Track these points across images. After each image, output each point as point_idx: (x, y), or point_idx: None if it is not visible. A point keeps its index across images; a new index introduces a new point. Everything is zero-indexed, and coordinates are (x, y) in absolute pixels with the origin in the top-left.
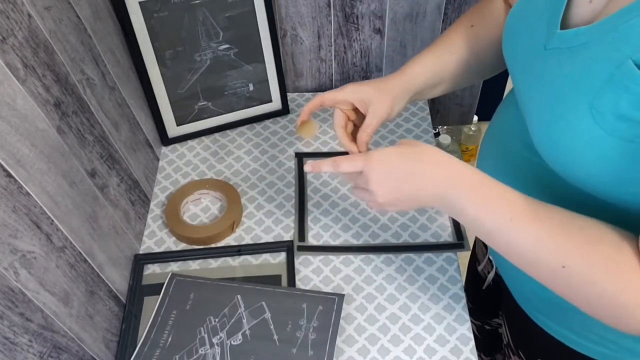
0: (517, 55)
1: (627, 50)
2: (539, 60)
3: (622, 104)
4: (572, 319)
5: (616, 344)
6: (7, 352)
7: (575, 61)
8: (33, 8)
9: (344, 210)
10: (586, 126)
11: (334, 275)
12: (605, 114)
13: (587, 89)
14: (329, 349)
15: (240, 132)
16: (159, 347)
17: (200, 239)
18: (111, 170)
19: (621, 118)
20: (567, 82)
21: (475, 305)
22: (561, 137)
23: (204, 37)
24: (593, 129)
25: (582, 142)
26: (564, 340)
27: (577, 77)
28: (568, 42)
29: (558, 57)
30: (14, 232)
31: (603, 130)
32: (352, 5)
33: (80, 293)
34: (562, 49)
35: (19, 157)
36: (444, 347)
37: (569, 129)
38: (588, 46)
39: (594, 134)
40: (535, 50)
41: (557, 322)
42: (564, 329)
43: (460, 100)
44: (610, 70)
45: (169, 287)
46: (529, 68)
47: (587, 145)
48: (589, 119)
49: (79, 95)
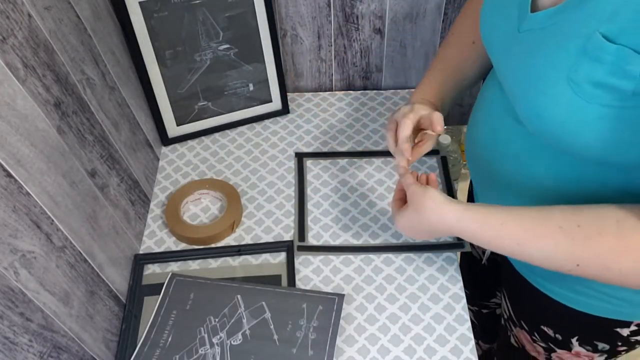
0: (494, 40)
1: (594, 25)
2: (514, 42)
3: (596, 74)
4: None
5: (616, 297)
6: (7, 352)
7: (548, 40)
8: (33, 8)
9: (344, 210)
10: (566, 98)
11: (334, 275)
12: (582, 85)
13: (562, 64)
14: (329, 349)
15: (240, 132)
16: (159, 347)
17: (200, 238)
18: (111, 170)
19: (597, 86)
20: (544, 60)
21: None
22: (545, 111)
23: (204, 37)
24: (573, 100)
25: (565, 113)
26: (566, 301)
27: (552, 55)
28: (540, 23)
29: (532, 38)
30: (14, 232)
31: (583, 100)
32: (352, 5)
33: (80, 293)
34: (535, 30)
35: (19, 157)
36: (444, 347)
37: (551, 102)
38: (559, 25)
39: (574, 104)
40: (510, 33)
41: (558, 283)
42: (564, 289)
43: (460, 100)
44: (582, 44)
45: (169, 287)
46: (506, 51)
47: (570, 115)
48: (568, 91)
49: (79, 95)
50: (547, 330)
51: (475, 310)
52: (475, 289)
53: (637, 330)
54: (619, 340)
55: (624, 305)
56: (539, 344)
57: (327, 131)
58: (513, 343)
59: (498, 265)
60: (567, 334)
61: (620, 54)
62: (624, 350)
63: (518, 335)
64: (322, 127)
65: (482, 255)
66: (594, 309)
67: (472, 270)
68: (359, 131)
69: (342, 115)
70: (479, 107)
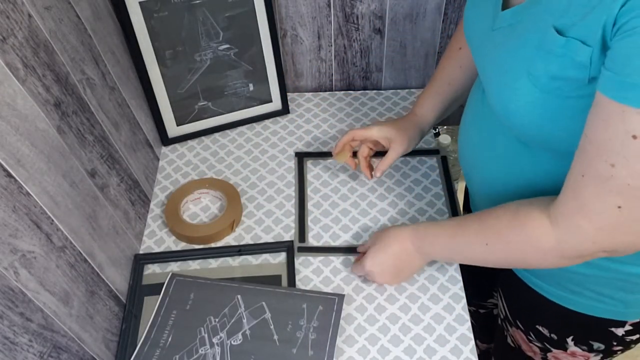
0: (474, 38)
1: (549, 19)
2: (488, 40)
3: (552, 67)
4: (568, 279)
5: (610, 297)
6: (7, 351)
7: (511, 36)
8: (33, 8)
9: (344, 211)
10: (527, 90)
11: (334, 276)
12: (540, 77)
13: (523, 58)
14: (329, 349)
15: (240, 132)
16: (159, 347)
17: (200, 237)
18: (111, 170)
19: (554, 79)
20: (508, 55)
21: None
22: (509, 103)
23: (204, 37)
24: (533, 91)
25: (527, 104)
26: (561, 301)
27: (514, 50)
28: (507, 20)
29: (502, 35)
30: (14, 232)
31: (541, 92)
32: (352, 5)
33: (80, 293)
34: (504, 28)
35: (19, 157)
36: (444, 347)
37: (514, 95)
38: (521, 21)
39: (534, 96)
40: (486, 32)
41: (554, 284)
42: (559, 289)
43: None
44: (538, 38)
45: (169, 287)
46: (482, 49)
47: (531, 106)
48: (528, 84)
49: (79, 95)
50: (543, 330)
51: (472, 310)
52: (472, 289)
53: (632, 330)
54: (614, 340)
55: (618, 305)
56: (534, 344)
57: (327, 131)
58: (509, 343)
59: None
60: (563, 334)
61: (569, 46)
62: (619, 350)
63: (514, 335)
64: (322, 127)
65: None
66: (589, 308)
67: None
68: None
69: (342, 115)
70: (467, 107)
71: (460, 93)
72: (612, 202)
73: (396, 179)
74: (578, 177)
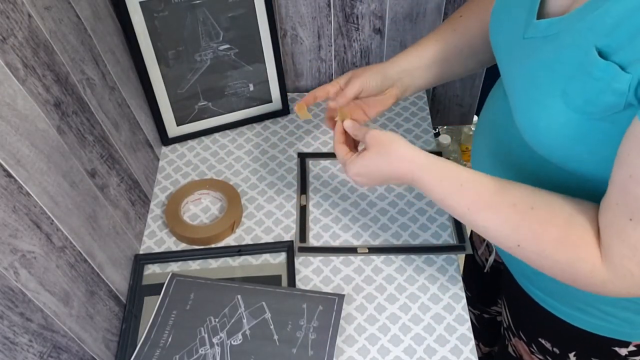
0: (500, 43)
1: (592, 39)
2: (518, 48)
3: (588, 89)
4: (574, 296)
5: (616, 317)
6: (7, 352)
7: (548, 49)
8: (33, 8)
9: (344, 211)
10: (559, 109)
11: (334, 276)
12: (574, 98)
13: (558, 75)
14: (329, 349)
15: (240, 132)
16: (159, 347)
17: (200, 239)
18: (111, 170)
19: (588, 102)
20: (542, 68)
21: (473, 293)
22: (539, 120)
23: (204, 37)
24: (565, 111)
25: (558, 124)
26: (565, 317)
27: (550, 64)
28: (543, 31)
29: (534, 46)
30: (14, 232)
31: (574, 113)
32: (352, 5)
33: (80, 293)
34: (538, 38)
35: (19, 157)
36: (444, 347)
37: (545, 112)
38: (560, 35)
39: (567, 116)
40: (515, 39)
41: (559, 299)
42: (565, 306)
43: (460, 100)
44: (579, 57)
45: (169, 287)
46: (510, 56)
47: (561, 127)
48: (561, 103)
49: (79, 95)
50: (545, 343)
51: (477, 314)
52: (477, 295)
53: (636, 350)
54: (616, 359)
55: (624, 326)
56: (536, 356)
57: (327, 131)
58: (511, 352)
59: (500, 274)
60: (565, 349)
61: (609, 70)
62: None
63: (516, 345)
64: (322, 127)
65: (485, 263)
66: (593, 327)
67: (474, 277)
68: None
69: None
70: (486, 110)
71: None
72: None
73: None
74: (625, 221)
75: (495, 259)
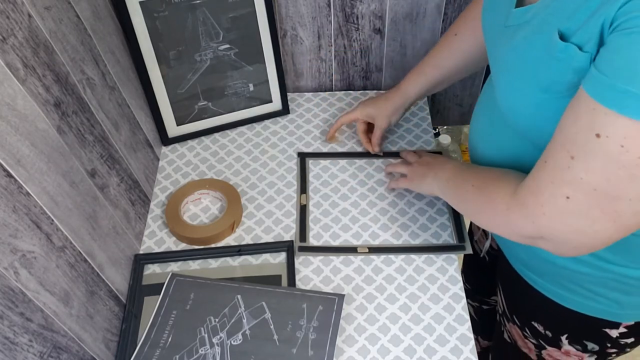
0: (488, 32)
1: (555, 23)
2: (500, 36)
3: (553, 70)
4: (562, 276)
5: (605, 297)
6: (7, 351)
7: (520, 35)
8: (33, 8)
9: (344, 211)
10: (532, 91)
11: (334, 276)
12: (543, 80)
13: (529, 60)
14: (329, 349)
15: (240, 132)
16: (159, 347)
17: (200, 239)
18: (111, 170)
19: (555, 82)
20: (515, 54)
21: (472, 284)
22: (515, 102)
23: (204, 37)
24: (536, 92)
25: (532, 105)
26: (556, 298)
27: (521, 50)
28: (518, 19)
29: (511, 33)
30: (14, 232)
31: (544, 93)
32: (352, 5)
33: (80, 293)
34: (515, 26)
35: (19, 157)
36: (444, 347)
37: (520, 95)
38: (530, 22)
39: (539, 97)
40: (499, 27)
41: (549, 280)
42: (555, 286)
43: (460, 100)
44: (544, 41)
45: (169, 287)
46: (494, 44)
47: (535, 107)
48: (532, 84)
49: (79, 95)
50: (538, 327)
51: (476, 306)
52: (476, 285)
53: (627, 332)
54: (607, 341)
55: (613, 306)
56: (530, 340)
57: (327, 131)
58: (506, 338)
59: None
60: (557, 331)
61: (568, 51)
62: (614, 353)
63: (511, 330)
64: (322, 127)
65: (481, 249)
66: (583, 307)
67: (472, 267)
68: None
69: None
70: (482, 94)
71: (445, 77)
72: (562, 192)
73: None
74: (542, 162)
75: (491, 245)
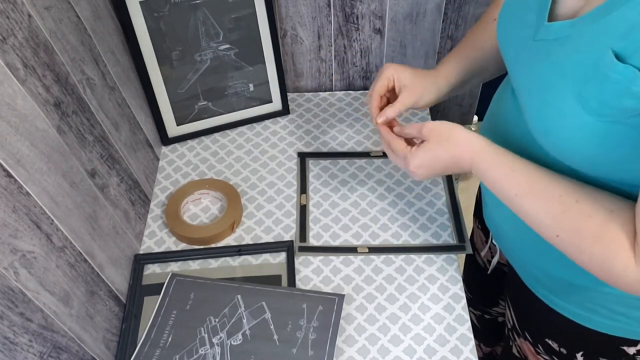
0: (509, 45)
1: (607, 42)
2: (528, 50)
3: (605, 92)
4: (582, 296)
5: (626, 316)
6: (7, 352)
7: (561, 52)
8: (33, 8)
9: (344, 211)
10: (573, 112)
11: (334, 276)
12: (590, 101)
13: (572, 78)
14: (329, 349)
15: (240, 132)
16: (159, 347)
17: (200, 239)
18: (111, 170)
19: (605, 104)
20: (554, 71)
21: (475, 294)
22: (551, 122)
23: (204, 37)
24: (580, 114)
25: (572, 127)
26: (574, 317)
27: (563, 67)
28: (555, 34)
29: (546, 48)
30: (14, 232)
31: (589, 116)
32: (352, 5)
33: (80, 293)
34: (550, 41)
35: (19, 157)
36: (444, 347)
37: (558, 115)
38: (573, 38)
39: (581, 119)
40: (525, 41)
41: (567, 299)
42: (573, 306)
43: (460, 100)
44: (594, 60)
45: (169, 287)
46: (519, 58)
47: (576, 129)
48: (575, 105)
49: (79, 95)
50: (552, 344)
51: (478, 315)
52: (478, 295)
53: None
54: (624, 358)
55: (633, 324)
56: (542, 357)
57: (327, 131)
58: (515, 353)
59: (503, 275)
60: (572, 349)
61: (627, 74)
62: None
63: (521, 346)
64: (322, 127)
65: (488, 265)
66: (602, 326)
67: (476, 278)
68: (359, 131)
69: (342, 115)
70: (494, 108)
71: (487, 62)
72: None
73: (396, 179)
74: None
75: (499, 261)
